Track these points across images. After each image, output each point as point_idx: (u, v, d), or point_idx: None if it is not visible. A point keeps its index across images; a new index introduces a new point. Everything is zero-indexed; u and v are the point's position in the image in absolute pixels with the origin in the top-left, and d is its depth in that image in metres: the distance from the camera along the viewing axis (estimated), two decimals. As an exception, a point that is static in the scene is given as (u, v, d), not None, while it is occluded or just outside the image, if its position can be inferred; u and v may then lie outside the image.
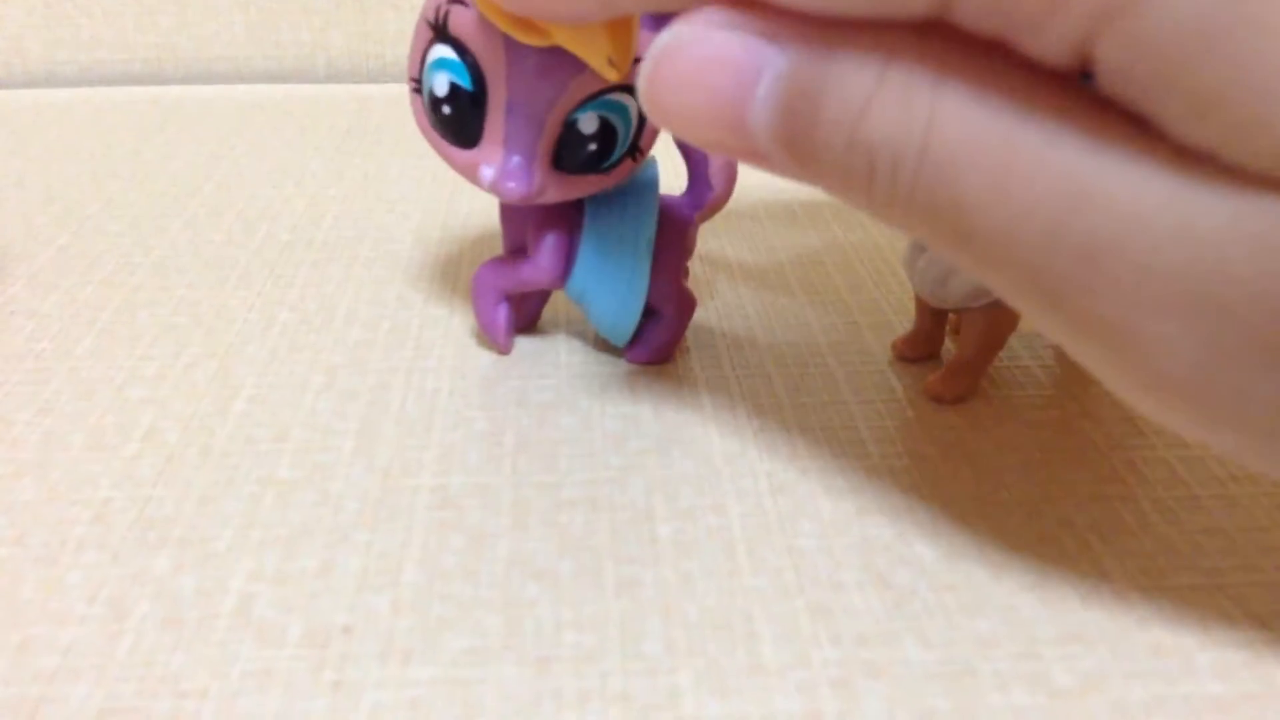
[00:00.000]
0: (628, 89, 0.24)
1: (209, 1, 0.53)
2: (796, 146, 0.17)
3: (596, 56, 0.21)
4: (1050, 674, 0.19)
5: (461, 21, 0.23)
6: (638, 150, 0.25)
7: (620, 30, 0.21)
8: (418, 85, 0.25)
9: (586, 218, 0.26)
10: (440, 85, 0.24)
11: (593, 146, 0.24)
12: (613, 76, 0.21)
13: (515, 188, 0.24)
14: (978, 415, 0.26)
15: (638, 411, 0.26)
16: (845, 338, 0.29)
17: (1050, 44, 0.15)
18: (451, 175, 0.40)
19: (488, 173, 0.24)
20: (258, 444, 0.25)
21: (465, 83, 0.24)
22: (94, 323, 0.30)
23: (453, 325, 0.30)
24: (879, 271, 0.33)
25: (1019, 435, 0.25)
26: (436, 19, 0.24)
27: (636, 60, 0.22)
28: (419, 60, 0.25)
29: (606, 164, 0.25)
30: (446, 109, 0.24)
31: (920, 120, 0.15)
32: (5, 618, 0.20)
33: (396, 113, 0.48)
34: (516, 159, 0.24)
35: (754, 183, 0.37)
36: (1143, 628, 0.20)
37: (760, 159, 0.17)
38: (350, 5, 0.53)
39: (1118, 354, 0.16)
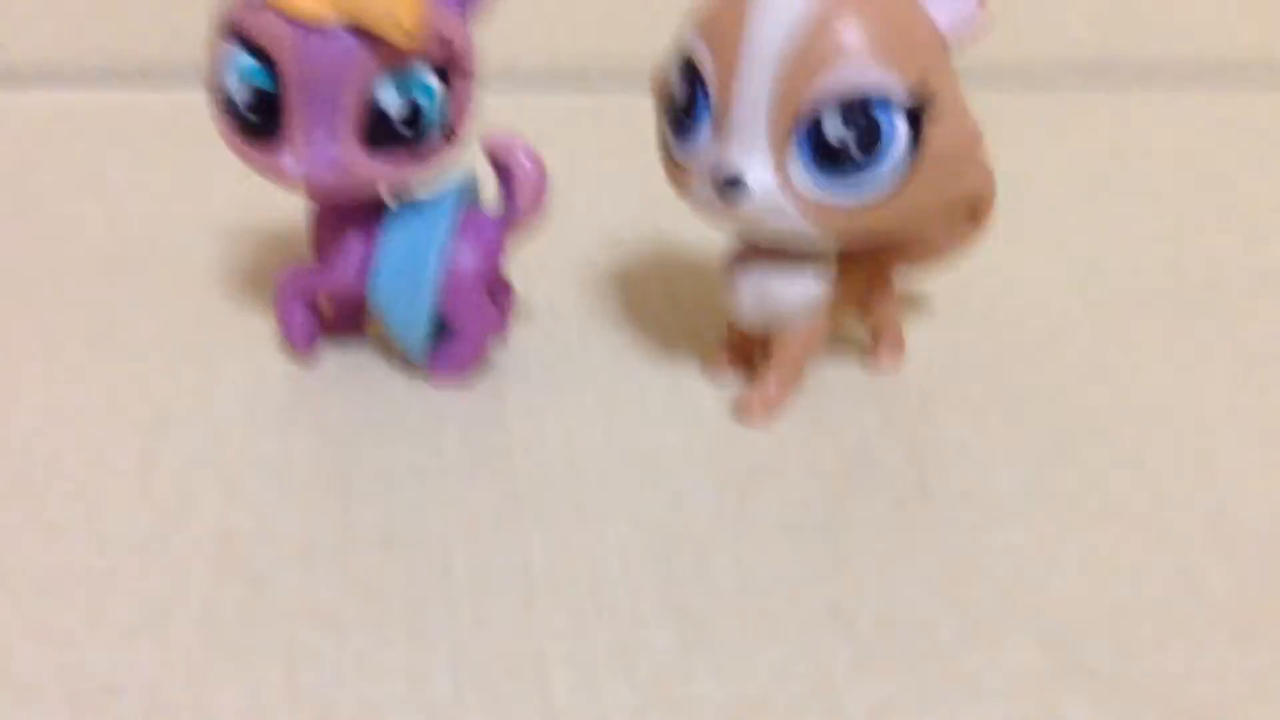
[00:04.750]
0: (429, 64, 0.24)
1: None
2: None
3: (388, 25, 0.23)
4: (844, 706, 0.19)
5: (249, 21, 0.23)
6: (451, 131, 0.25)
7: None
8: (216, 94, 0.25)
9: (384, 225, 0.26)
10: (236, 87, 0.24)
11: (400, 123, 0.24)
12: (406, 43, 0.23)
13: (321, 171, 0.24)
14: (785, 435, 0.26)
15: (441, 436, 0.25)
16: (660, 356, 0.29)
17: None
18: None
19: (291, 161, 0.24)
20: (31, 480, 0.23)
21: (261, 81, 0.24)
22: None
23: (250, 338, 0.28)
24: (696, 290, 0.32)
25: (822, 456, 0.25)
26: (226, 23, 0.24)
27: (439, 41, 0.24)
28: (214, 68, 0.24)
29: (418, 142, 0.25)
30: (245, 110, 0.24)
31: None
32: None
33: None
34: (321, 144, 0.24)
35: (580, 206, 0.36)
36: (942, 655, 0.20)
37: None
38: None
39: None
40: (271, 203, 0.34)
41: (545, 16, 0.45)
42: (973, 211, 0.27)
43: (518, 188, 0.26)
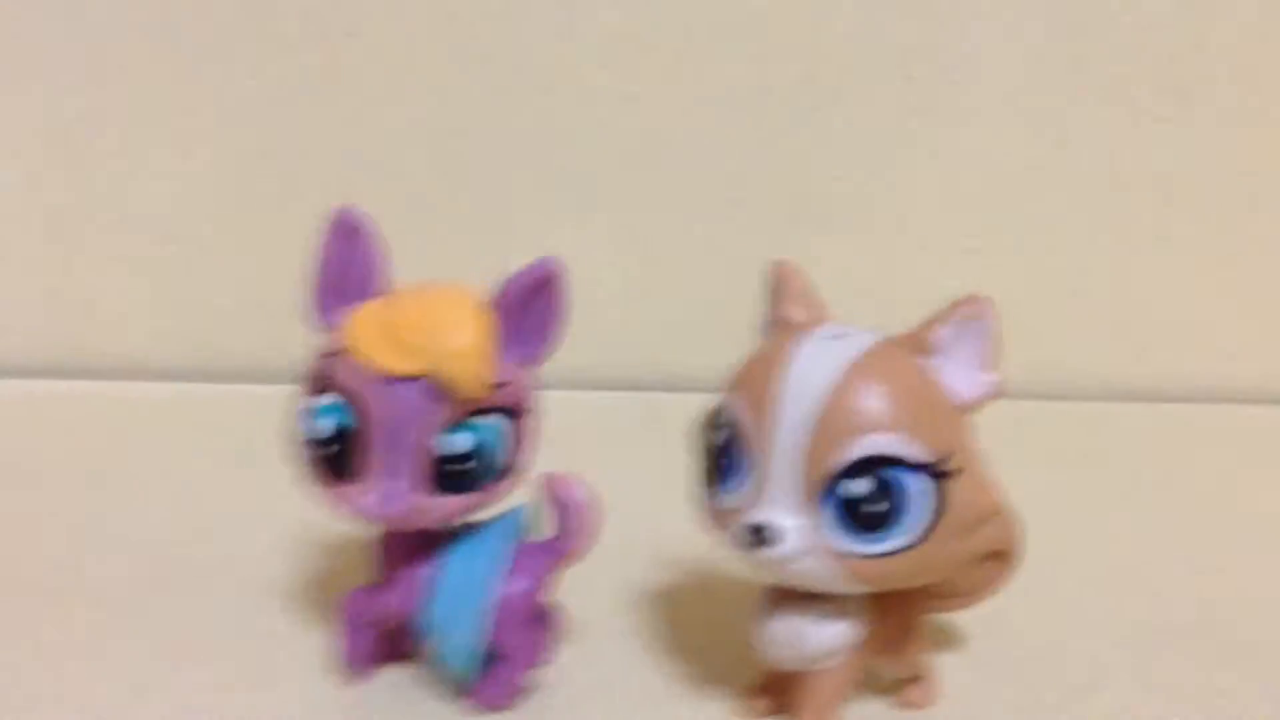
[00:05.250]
0: (495, 409, 0.26)
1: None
2: None
3: (463, 379, 0.25)
4: None
5: (338, 370, 0.26)
6: (511, 467, 0.27)
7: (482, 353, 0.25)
8: (299, 436, 0.27)
9: (443, 554, 0.27)
10: (323, 429, 0.26)
11: (468, 465, 0.26)
12: (478, 394, 0.25)
13: (395, 509, 0.26)
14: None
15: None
16: (696, 690, 0.29)
17: None
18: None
19: (368, 499, 0.26)
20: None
21: (347, 421, 0.26)
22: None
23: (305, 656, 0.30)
24: (732, 615, 0.33)
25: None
26: (316, 372, 0.26)
27: (501, 385, 0.26)
28: (300, 411, 0.26)
29: (483, 482, 0.26)
30: (331, 449, 0.26)
31: None
32: None
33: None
34: (394, 483, 0.26)
35: (631, 537, 0.37)
36: None
37: None
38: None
39: None
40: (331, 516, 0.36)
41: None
42: (1000, 558, 0.28)
43: (571, 521, 0.28)
